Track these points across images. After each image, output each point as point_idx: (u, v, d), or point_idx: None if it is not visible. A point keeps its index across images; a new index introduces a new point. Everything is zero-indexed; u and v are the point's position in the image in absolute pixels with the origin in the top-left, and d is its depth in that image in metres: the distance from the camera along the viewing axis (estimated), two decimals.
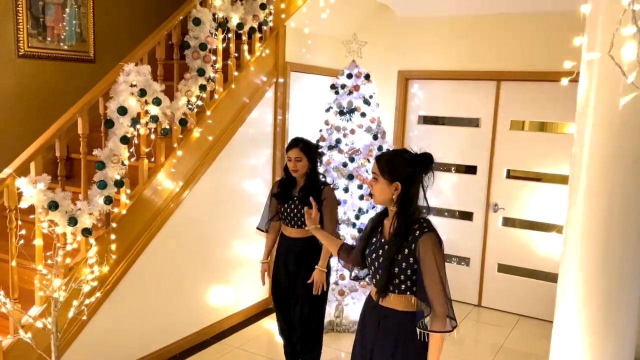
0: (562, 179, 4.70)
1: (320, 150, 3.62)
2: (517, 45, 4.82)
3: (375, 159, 2.22)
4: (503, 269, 5.19)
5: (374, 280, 2.25)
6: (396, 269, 2.13)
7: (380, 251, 2.21)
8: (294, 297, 3.48)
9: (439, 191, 5.31)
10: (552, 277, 4.73)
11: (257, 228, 3.68)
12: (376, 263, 2.22)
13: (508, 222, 5.15)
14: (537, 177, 5.06)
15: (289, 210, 3.41)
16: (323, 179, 3.55)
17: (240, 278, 4.56)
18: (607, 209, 1.70)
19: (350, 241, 4.39)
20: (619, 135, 1.63)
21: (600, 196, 1.71)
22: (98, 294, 3.10)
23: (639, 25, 1.02)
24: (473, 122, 5.24)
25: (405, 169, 2.15)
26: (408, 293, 2.16)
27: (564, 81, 1.46)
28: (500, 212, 5.10)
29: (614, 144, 1.63)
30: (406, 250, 2.11)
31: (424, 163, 2.16)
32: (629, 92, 1.33)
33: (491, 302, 5.25)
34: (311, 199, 2.75)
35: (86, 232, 3.14)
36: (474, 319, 5.04)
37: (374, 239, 2.28)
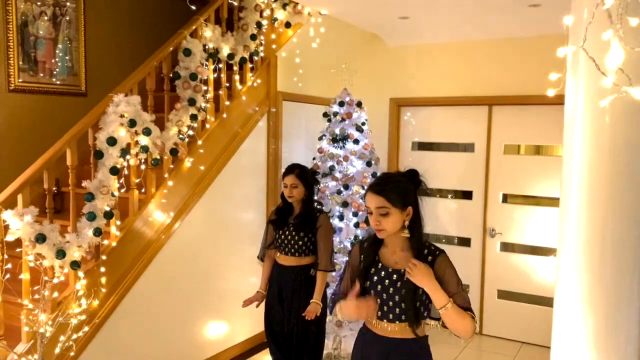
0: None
1: (317, 176, 3.59)
2: (507, 69, 4.85)
3: (378, 192, 2.06)
4: (503, 295, 5.10)
5: (380, 313, 2.13)
6: (415, 297, 2.06)
7: (387, 281, 2.10)
8: (289, 327, 3.39)
9: (436, 218, 5.27)
10: (553, 302, 4.64)
11: (258, 257, 3.62)
12: (384, 295, 2.10)
13: (506, 247, 5.08)
14: (534, 201, 5.01)
15: (283, 237, 3.36)
16: (320, 207, 3.51)
17: (235, 310, 4.43)
18: (601, 225, 1.65)
19: None
20: (608, 147, 1.60)
21: (594, 212, 1.67)
22: (86, 329, 3.01)
23: (614, 20, 1.01)
24: (468, 148, 5.23)
25: (410, 191, 2.11)
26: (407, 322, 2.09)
27: (550, 92, 1.44)
28: (498, 237, 5.04)
29: (604, 155, 1.60)
30: None
31: (418, 179, 2.14)
32: (616, 99, 1.31)
33: (492, 330, 5.13)
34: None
35: (75, 265, 3.07)
36: (475, 347, 4.92)
37: (373, 270, 2.16)
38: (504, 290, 5.09)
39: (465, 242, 5.25)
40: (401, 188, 2.09)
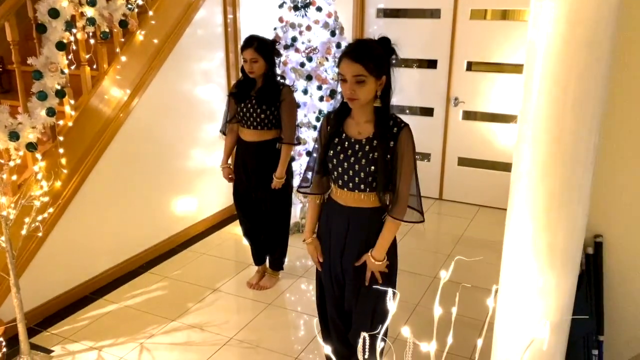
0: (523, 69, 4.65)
1: (277, 47, 3.45)
2: None
3: (356, 59, 1.99)
4: (463, 162, 5.27)
5: (341, 182, 2.18)
6: (376, 168, 2.09)
7: (350, 151, 2.12)
8: (256, 198, 3.47)
9: (400, 88, 5.19)
10: (510, 168, 4.83)
11: (220, 131, 3.57)
12: (345, 164, 2.13)
13: (469, 115, 5.15)
14: (497, 68, 5.00)
15: (245, 110, 3.30)
16: (282, 80, 3.43)
17: (202, 186, 4.51)
18: (562, 91, 1.65)
19: (311, 143, 4.33)
20: (574, 12, 1.55)
21: (555, 81, 1.66)
22: (50, 210, 3.01)
23: None
24: (434, 14, 5.06)
25: (384, 59, 2.05)
26: (376, 191, 2.14)
27: None
28: (461, 106, 5.08)
29: (570, 25, 1.56)
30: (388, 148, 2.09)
31: (391, 47, 2.09)
32: None
33: (452, 195, 5.37)
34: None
35: (31, 146, 2.98)
36: (435, 211, 5.18)
37: (337, 140, 2.17)
38: (464, 157, 5.25)
39: (428, 112, 5.29)
40: (378, 56, 2.04)
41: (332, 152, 2.17)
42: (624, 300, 2.38)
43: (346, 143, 2.15)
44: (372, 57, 2.01)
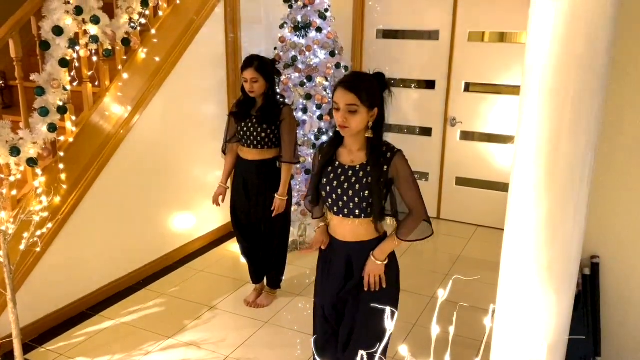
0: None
1: (277, 66, 3.48)
2: None
3: (350, 89, 2.06)
4: (461, 181, 5.29)
5: (336, 208, 2.20)
6: (371, 193, 2.12)
7: (343, 177, 2.16)
8: (255, 218, 3.47)
9: (399, 108, 5.27)
10: (507, 188, 4.85)
11: (222, 150, 3.59)
12: (339, 190, 2.16)
13: (466, 135, 5.18)
14: (495, 89, 5.04)
15: (245, 129, 3.32)
16: (282, 99, 3.46)
17: (201, 203, 4.51)
18: (558, 113, 1.68)
19: (310, 161, 4.35)
20: (570, 35, 1.59)
21: (551, 102, 1.69)
22: (49, 225, 3.02)
23: None
24: (432, 35, 5.13)
25: (378, 92, 2.12)
26: (372, 217, 2.16)
27: None
28: (458, 126, 5.12)
29: (566, 47, 1.59)
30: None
31: (384, 82, 2.15)
32: None
33: (449, 215, 5.38)
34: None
35: (31, 162, 3.00)
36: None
37: (330, 168, 2.21)
38: (461, 177, 5.27)
39: (426, 131, 5.32)
40: (371, 88, 2.11)
41: (325, 179, 2.21)
42: (621, 321, 2.38)
43: (339, 170, 2.19)
44: (365, 88, 2.08)
